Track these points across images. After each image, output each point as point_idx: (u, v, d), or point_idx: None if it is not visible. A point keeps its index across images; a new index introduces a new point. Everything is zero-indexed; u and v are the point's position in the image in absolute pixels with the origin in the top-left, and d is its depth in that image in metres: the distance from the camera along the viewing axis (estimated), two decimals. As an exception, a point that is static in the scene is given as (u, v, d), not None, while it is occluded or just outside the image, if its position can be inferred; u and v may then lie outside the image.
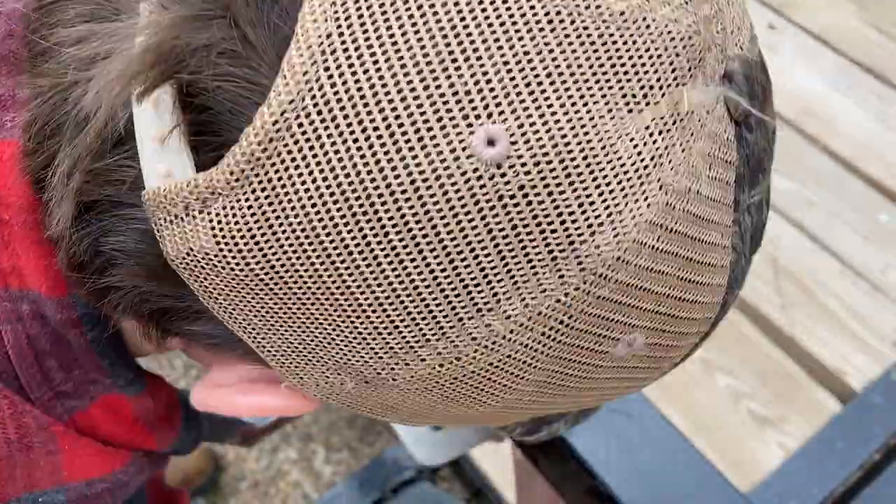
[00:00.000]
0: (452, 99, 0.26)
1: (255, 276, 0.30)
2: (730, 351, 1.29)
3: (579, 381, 0.33)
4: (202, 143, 0.30)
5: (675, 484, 0.64)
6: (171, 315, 0.35)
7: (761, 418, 1.22)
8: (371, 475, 1.47)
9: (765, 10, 1.89)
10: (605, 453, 0.65)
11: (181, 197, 0.29)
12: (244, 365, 0.38)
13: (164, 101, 0.29)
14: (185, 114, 0.29)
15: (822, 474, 1.14)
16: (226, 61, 0.28)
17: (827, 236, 1.45)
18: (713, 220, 0.31)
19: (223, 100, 0.29)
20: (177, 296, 0.33)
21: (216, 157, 0.29)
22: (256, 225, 0.28)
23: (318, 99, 0.27)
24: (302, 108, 0.27)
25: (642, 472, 0.64)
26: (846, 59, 1.78)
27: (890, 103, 1.70)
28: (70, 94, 0.32)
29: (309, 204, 0.28)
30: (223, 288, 0.31)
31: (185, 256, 0.30)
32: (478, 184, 0.27)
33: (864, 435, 1.18)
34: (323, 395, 0.36)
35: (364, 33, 0.27)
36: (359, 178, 0.27)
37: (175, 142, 0.29)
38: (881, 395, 1.22)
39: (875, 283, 1.38)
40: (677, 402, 1.23)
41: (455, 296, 0.29)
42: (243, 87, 0.28)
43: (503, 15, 0.27)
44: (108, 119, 0.31)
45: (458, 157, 0.27)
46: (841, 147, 1.60)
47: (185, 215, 0.29)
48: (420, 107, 0.26)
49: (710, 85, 0.30)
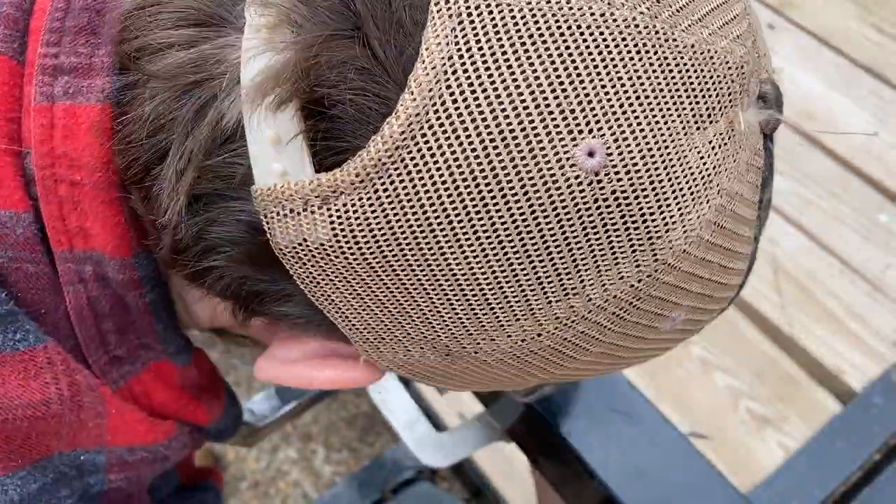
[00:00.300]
0: (559, 116, 0.31)
1: (367, 264, 0.34)
2: (729, 350, 1.29)
3: (627, 351, 0.39)
4: (325, 147, 0.33)
5: (674, 484, 0.64)
6: (263, 297, 0.38)
7: (761, 418, 1.22)
8: (371, 475, 1.47)
9: (764, 10, 1.90)
10: (605, 453, 0.65)
11: (301, 194, 0.33)
12: (316, 341, 0.42)
13: (286, 108, 0.33)
14: (307, 120, 0.33)
15: (822, 474, 1.14)
16: (358, 76, 0.32)
17: (826, 236, 1.45)
18: (746, 217, 0.37)
19: (351, 110, 0.32)
20: (272, 280, 0.37)
21: (338, 161, 0.33)
22: (375, 220, 0.32)
23: (440, 113, 0.31)
24: (426, 121, 0.31)
25: (642, 471, 0.64)
26: (845, 59, 1.79)
27: (889, 103, 1.70)
28: (186, 94, 0.35)
29: (427, 202, 0.32)
30: (329, 275, 0.35)
31: (297, 247, 0.34)
32: (578, 189, 0.32)
33: (863, 435, 1.18)
34: (396, 367, 0.40)
35: (482, 56, 0.31)
36: (475, 181, 0.31)
37: (295, 144, 0.33)
38: (881, 395, 1.22)
39: (874, 282, 1.39)
40: (677, 401, 1.23)
41: (548, 282, 0.34)
42: (372, 100, 0.32)
43: (601, 44, 0.31)
44: (221, 119, 0.34)
45: (563, 167, 0.31)
46: (840, 147, 1.60)
47: (303, 210, 0.33)
48: (532, 122, 0.31)
49: (753, 105, 0.36)
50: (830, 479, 1.13)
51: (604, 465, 0.66)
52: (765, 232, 0.43)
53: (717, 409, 1.23)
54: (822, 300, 1.36)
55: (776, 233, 1.43)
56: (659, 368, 1.25)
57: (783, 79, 1.72)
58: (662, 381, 1.24)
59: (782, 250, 1.41)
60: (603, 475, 0.65)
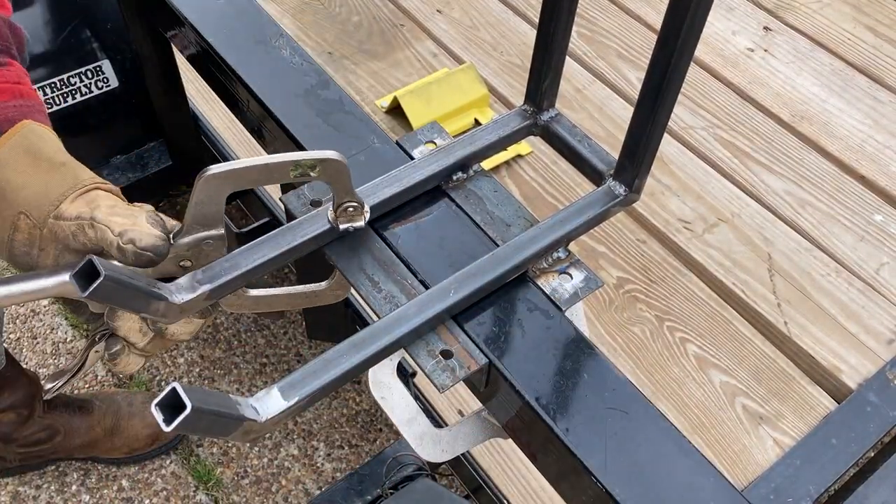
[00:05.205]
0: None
1: None
2: (725, 349, 1.31)
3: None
4: None
5: (671, 481, 0.66)
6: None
7: (756, 415, 1.24)
8: (371, 472, 1.48)
9: (760, 13, 1.91)
10: (603, 451, 0.67)
11: None
12: None
13: None
14: None
15: (817, 471, 1.15)
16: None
17: (822, 236, 1.46)
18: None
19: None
20: None
21: None
22: None
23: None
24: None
25: (639, 469, 0.66)
26: (841, 61, 1.80)
27: (884, 104, 1.71)
28: None
29: None
30: None
31: None
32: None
33: (858, 432, 1.19)
34: None
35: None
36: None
37: None
38: (875, 394, 1.24)
39: (869, 282, 1.40)
40: (673, 399, 1.24)
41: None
42: None
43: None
44: None
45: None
46: (836, 148, 1.62)
47: None
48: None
49: None
50: (825, 476, 1.14)
51: (601, 461, 0.67)
52: (761, 232, 0.42)
53: (713, 407, 1.24)
54: (817, 299, 1.37)
55: (772, 233, 1.44)
56: (656, 366, 1.26)
57: (779, 81, 1.73)
58: (659, 378, 1.26)
59: (778, 250, 1.42)
60: (600, 472, 0.66)
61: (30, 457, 1.68)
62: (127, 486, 1.73)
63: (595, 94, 1.70)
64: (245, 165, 0.62)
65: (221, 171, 0.62)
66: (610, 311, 1.34)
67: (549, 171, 1.54)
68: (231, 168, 0.62)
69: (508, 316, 0.74)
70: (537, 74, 0.82)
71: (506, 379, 0.70)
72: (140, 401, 1.73)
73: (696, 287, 1.38)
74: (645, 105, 0.69)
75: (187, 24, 1.06)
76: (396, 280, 0.74)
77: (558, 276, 0.77)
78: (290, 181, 0.66)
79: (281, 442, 1.82)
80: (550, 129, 0.86)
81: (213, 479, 1.75)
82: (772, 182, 1.53)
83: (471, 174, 0.84)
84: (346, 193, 0.71)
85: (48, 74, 1.49)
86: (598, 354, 0.72)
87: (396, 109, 1.61)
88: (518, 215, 0.81)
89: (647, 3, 1.90)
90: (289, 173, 0.64)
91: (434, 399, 1.31)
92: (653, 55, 0.65)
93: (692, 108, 1.68)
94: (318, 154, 0.65)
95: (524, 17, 1.86)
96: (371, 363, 0.67)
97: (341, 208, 0.72)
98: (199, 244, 0.67)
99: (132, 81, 1.58)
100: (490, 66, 1.74)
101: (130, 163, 1.70)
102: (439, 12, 1.85)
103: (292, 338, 1.97)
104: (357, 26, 1.80)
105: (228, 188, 0.64)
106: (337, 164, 0.66)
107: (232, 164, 0.62)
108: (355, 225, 0.74)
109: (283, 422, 0.79)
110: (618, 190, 0.80)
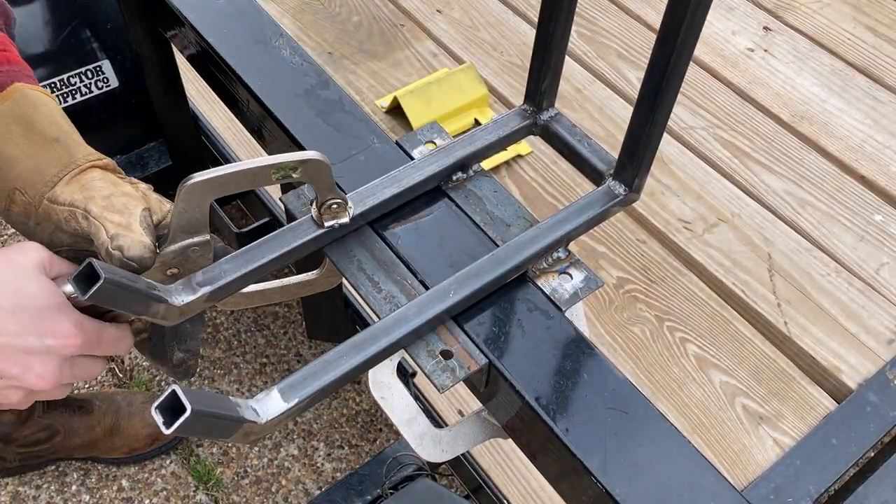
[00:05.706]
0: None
1: None
2: (725, 349, 1.31)
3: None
4: None
5: (671, 481, 0.66)
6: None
7: (756, 415, 1.24)
8: (371, 472, 1.48)
9: (760, 13, 1.91)
10: (603, 451, 0.67)
11: None
12: None
13: None
14: None
15: (817, 471, 1.15)
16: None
17: (822, 236, 1.46)
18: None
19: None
20: None
21: None
22: None
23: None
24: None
25: (639, 469, 0.66)
26: (841, 61, 1.80)
27: (884, 104, 1.71)
28: None
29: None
30: None
31: None
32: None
33: (858, 432, 1.19)
34: None
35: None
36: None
37: None
38: (875, 394, 1.24)
39: (869, 282, 1.40)
40: (673, 399, 1.24)
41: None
42: None
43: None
44: None
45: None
46: (836, 148, 1.61)
47: None
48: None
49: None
50: (825, 476, 1.14)
51: (601, 461, 0.67)
52: (761, 232, 0.41)
53: (713, 407, 1.24)
54: (817, 299, 1.37)
55: (772, 233, 1.44)
56: (656, 366, 1.26)
57: (779, 81, 1.73)
58: (659, 378, 1.26)
59: (778, 250, 1.42)
60: (600, 472, 0.66)
61: (30, 457, 1.68)
62: (127, 486, 1.73)
63: (595, 94, 1.70)
64: (226, 172, 0.62)
65: (203, 179, 0.62)
66: (610, 311, 1.34)
67: (548, 170, 1.54)
68: (213, 175, 0.62)
69: (508, 316, 0.74)
70: (537, 74, 0.82)
71: (506, 379, 0.70)
72: (140, 401, 1.73)
73: (696, 287, 1.38)
74: (644, 105, 0.69)
75: (187, 24, 1.06)
76: (396, 280, 0.75)
77: (558, 276, 0.77)
78: (273, 184, 0.66)
79: (281, 442, 1.82)
80: (550, 128, 0.86)
81: (213, 479, 1.75)
82: (772, 182, 1.53)
83: (471, 174, 0.84)
84: (328, 191, 0.71)
85: (48, 74, 1.49)
86: (598, 354, 0.72)
87: (396, 109, 1.61)
88: (518, 215, 0.81)
89: (647, 3, 1.90)
90: (271, 177, 0.64)
91: (434, 399, 1.31)
92: (652, 55, 0.65)
93: (692, 108, 1.68)
94: (299, 156, 0.65)
95: (524, 16, 1.86)
96: (371, 364, 0.67)
97: (325, 206, 0.73)
98: (185, 251, 0.67)
99: (132, 81, 1.58)
100: (490, 66, 1.74)
101: (130, 163, 1.70)
102: (439, 12, 1.85)
103: (292, 338, 1.97)
104: (357, 26, 1.80)
105: (211, 195, 0.64)
106: (318, 164, 0.66)
107: (214, 172, 0.62)
108: (340, 221, 0.74)
109: (283, 423, 0.79)
110: (618, 190, 0.80)
